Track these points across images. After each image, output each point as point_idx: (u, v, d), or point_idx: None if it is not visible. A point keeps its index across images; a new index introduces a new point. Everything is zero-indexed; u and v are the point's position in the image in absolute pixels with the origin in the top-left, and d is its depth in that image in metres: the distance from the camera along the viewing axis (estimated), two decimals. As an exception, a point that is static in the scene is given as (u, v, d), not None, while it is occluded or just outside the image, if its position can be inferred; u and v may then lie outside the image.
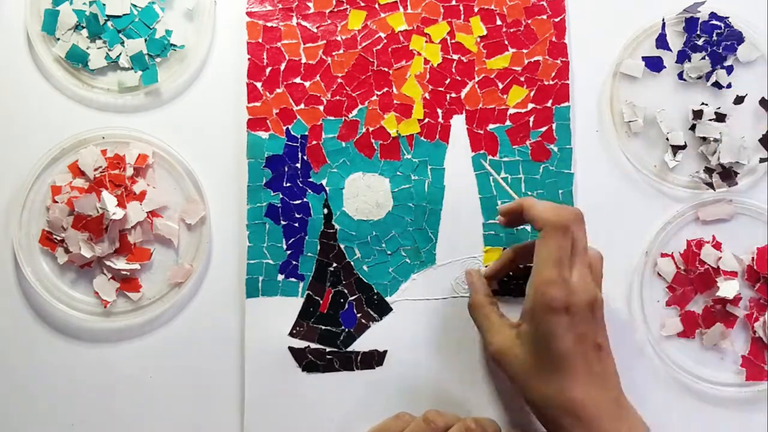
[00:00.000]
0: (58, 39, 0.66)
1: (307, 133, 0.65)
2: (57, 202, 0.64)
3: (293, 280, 0.65)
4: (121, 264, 0.64)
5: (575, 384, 0.53)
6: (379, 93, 0.66)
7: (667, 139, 0.65)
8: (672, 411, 0.64)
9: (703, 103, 0.65)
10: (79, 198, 0.63)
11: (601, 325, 0.55)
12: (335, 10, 0.66)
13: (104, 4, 0.66)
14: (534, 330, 0.55)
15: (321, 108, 0.66)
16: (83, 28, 0.66)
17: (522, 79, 0.66)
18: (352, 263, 0.65)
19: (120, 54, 0.66)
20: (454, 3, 0.66)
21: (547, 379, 0.54)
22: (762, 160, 0.65)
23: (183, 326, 0.65)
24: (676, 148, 0.65)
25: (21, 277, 0.64)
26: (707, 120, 0.64)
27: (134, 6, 0.66)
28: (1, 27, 0.67)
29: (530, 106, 0.65)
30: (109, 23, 0.66)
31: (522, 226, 0.64)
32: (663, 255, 0.65)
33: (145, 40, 0.66)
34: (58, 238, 0.64)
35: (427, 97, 0.66)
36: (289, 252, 0.65)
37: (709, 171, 0.65)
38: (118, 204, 0.63)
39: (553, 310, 0.53)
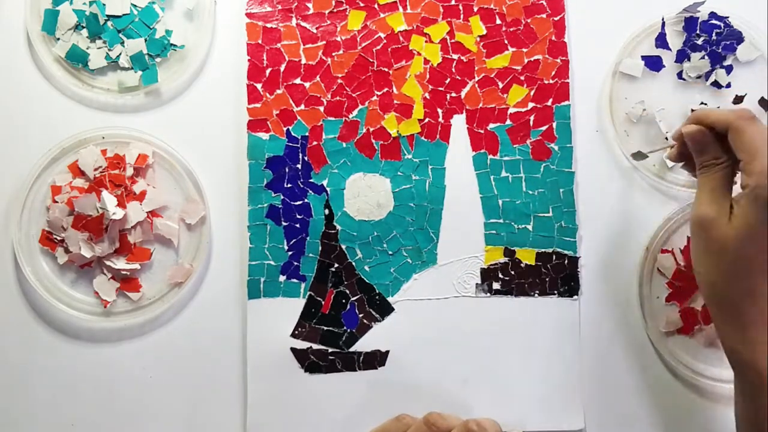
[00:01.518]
0: (58, 39, 0.66)
1: (307, 134, 0.65)
2: (57, 202, 0.64)
3: (295, 281, 0.64)
4: (121, 264, 0.64)
5: (763, 277, 0.52)
6: (379, 93, 0.66)
7: (667, 138, 0.65)
8: (671, 407, 0.64)
9: (702, 103, 0.66)
10: (79, 198, 0.63)
11: None
12: (335, 10, 0.66)
13: (104, 4, 0.66)
14: (751, 209, 0.52)
15: (321, 109, 0.66)
16: (83, 28, 0.66)
17: (522, 78, 0.66)
18: (353, 264, 0.65)
19: (120, 54, 0.66)
20: (453, 3, 0.66)
21: (744, 248, 0.52)
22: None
23: (183, 326, 0.64)
24: (675, 147, 0.65)
25: (21, 277, 0.64)
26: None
27: (134, 6, 0.66)
28: (1, 27, 0.66)
29: (530, 105, 0.66)
30: (109, 23, 0.66)
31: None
32: (663, 251, 0.65)
33: (145, 40, 0.66)
34: (58, 238, 0.64)
35: (428, 97, 0.66)
36: (290, 253, 0.65)
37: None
38: (118, 204, 0.63)
39: None
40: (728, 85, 0.66)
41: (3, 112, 0.66)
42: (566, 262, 0.65)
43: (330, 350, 0.64)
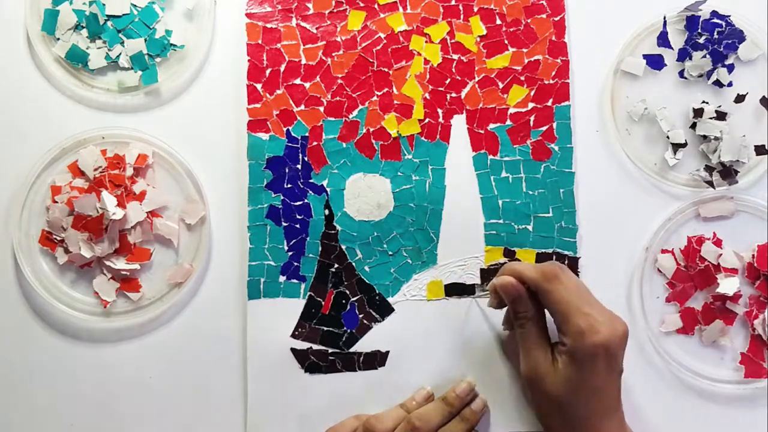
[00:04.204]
0: (58, 39, 0.66)
1: (307, 134, 0.65)
2: (57, 202, 0.64)
3: (295, 281, 0.64)
4: (120, 264, 0.64)
5: (601, 415, 0.56)
6: (379, 93, 0.66)
7: (668, 137, 0.65)
8: (671, 407, 0.64)
9: (704, 102, 0.65)
10: (79, 198, 0.63)
11: (625, 350, 0.57)
12: (335, 10, 0.66)
13: (104, 4, 0.66)
14: (573, 369, 0.55)
15: (321, 109, 0.66)
16: (83, 28, 0.66)
17: (522, 78, 0.66)
18: (353, 264, 0.65)
19: (120, 54, 0.66)
20: (453, 3, 0.66)
21: (576, 408, 0.56)
22: (758, 152, 0.65)
23: (183, 326, 0.64)
24: (676, 146, 0.65)
25: (21, 277, 0.64)
26: (708, 118, 0.65)
27: (134, 6, 0.66)
28: (1, 27, 0.66)
29: (531, 105, 0.66)
30: (109, 23, 0.66)
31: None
32: (663, 251, 0.65)
33: (145, 40, 0.66)
34: (58, 238, 0.64)
35: (428, 97, 0.66)
36: (290, 253, 0.65)
37: (709, 169, 0.65)
38: (118, 204, 0.63)
39: (594, 354, 0.54)
40: (730, 84, 0.66)
41: (3, 112, 0.66)
42: (566, 262, 0.65)
43: (330, 351, 0.64)
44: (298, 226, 0.65)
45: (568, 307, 0.55)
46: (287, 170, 0.65)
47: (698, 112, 0.65)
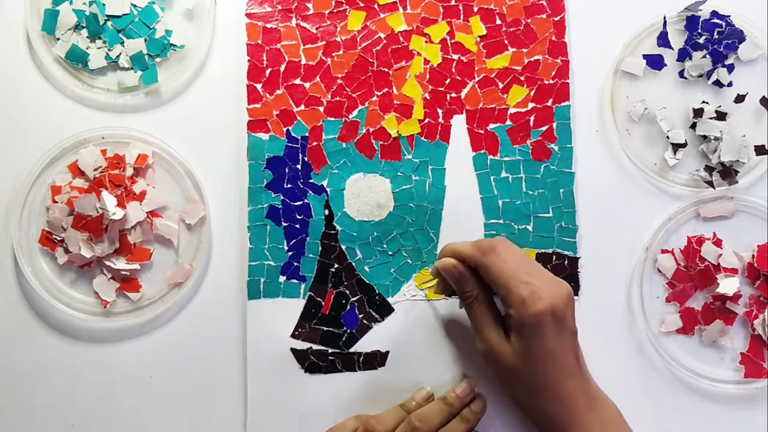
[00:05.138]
0: (58, 39, 0.66)
1: (307, 135, 0.65)
2: (57, 202, 0.64)
3: (295, 281, 0.64)
4: (120, 264, 0.64)
5: (560, 377, 0.56)
6: (379, 93, 0.66)
7: (668, 137, 0.65)
8: (670, 407, 0.64)
9: (703, 101, 0.65)
10: (79, 198, 0.63)
11: (574, 312, 0.57)
12: (334, 10, 0.66)
13: (104, 4, 0.66)
14: (523, 338, 0.56)
15: (321, 109, 0.66)
16: (83, 28, 0.66)
17: (522, 78, 0.66)
18: (353, 264, 0.65)
19: (120, 54, 0.66)
20: (453, 3, 0.66)
21: (531, 369, 0.56)
22: (758, 152, 0.65)
23: (183, 326, 0.65)
24: (676, 146, 0.65)
25: (21, 277, 0.64)
26: (707, 118, 0.65)
27: (134, 6, 0.66)
28: (1, 27, 0.66)
29: (530, 105, 0.66)
30: (109, 23, 0.66)
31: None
32: (663, 251, 0.65)
33: (145, 40, 0.66)
34: (58, 238, 0.64)
35: (428, 98, 0.66)
36: (290, 253, 0.65)
37: (709, 169, 0.65)
38: (118, 204, 0.63)
39: (541, 320, 0.55)
40: (730, 84, 0.66)
41: (3, 112, 0.66)
42: (566, 262, 0.65)
43: (330, 351, 0.64)
44: (298, 226, 0.65)
45: (507, 278, 0.56)
46: (287, 170, 0.65)
47: (698, 112, 0.65)
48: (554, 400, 0.56)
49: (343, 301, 0.64)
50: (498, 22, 0.66)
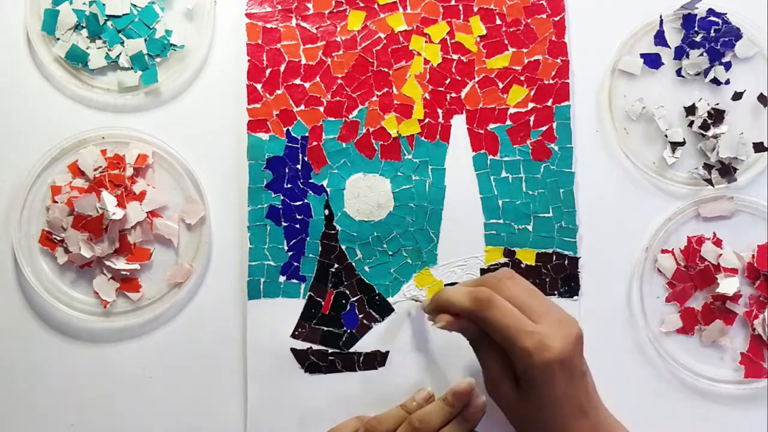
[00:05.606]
0: (58, 39, 0.66)
1: (307, 134, 0.65)
2: (57, 202, 0.64)
3: (295, 281, 0.64)
4: (120, 264, 0.64)
5: (571, 419, 0.54)
6: (379, 93, 0.66)
7: (666, 135, 0.65)
8: (670, 407, 0.64)
9: (700, 99, 0.66)
10: (79, 198, 0.63)
11: (583, 352, 0.55)
12: (334, 10, 0.66)
13: (104, 4, 0.66)
14: (532, 388, 0.54)
15: (321, 109, 0.66)
16: (83, 28, 0.66)
17: (522, 78, 0.66)
18: (353, 264, 0.65)
19: (120, 54, 0.66)
20: (453, 3, 0.66)
21: (540, 414, 0.54)
22: (757, 149, 0.65)
23: (183, 326, 0.64)
24: (674, 145, 0.65)
25: (21, 277, 0.64)
26: (700, 114, 0.65)
27: (134, 6, 0.66)
28: (1, 27, 0.66)
29: (530, 105, 0.66)
30: (109, 23, 0.66)
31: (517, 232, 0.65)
32: (663, 251, 0.65)
33: (145, 40, 0.66)
34: (58, 238, 0.64)
35: (428, 98, 0.66)
36: (290, 253, 0.65)
37: (708, 167, 0.65)
38: (118, 204, 0.63)
39: (549, 370, 0.53)
40: (727, 82, 0.66)
41: (3, 112, 0.66)
42: (566, 262, 0.65)
43: (330, 351, 0.64)
44: (298, 226, 0.65)
45: (508, 331, 0.53)
46: (287, 170, 0.65)
47: (690, 110, 0.65)
48: None
49: (343, 301, 0.64)
50: (498, 22, 0.66)
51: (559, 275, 0.65)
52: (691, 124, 0.65)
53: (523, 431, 0.57)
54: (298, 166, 0.65)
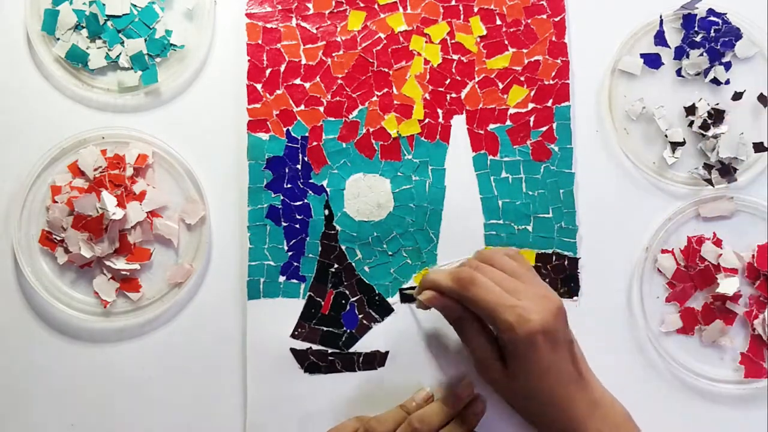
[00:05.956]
0: (58, 39, 0.66)
1: (307, 135, 0.65)
2: (57, 202, 0.64)
3: (294, 281, 0.64)
4: (120, 264, 0.64)
5: (559, 387, 0.56)
6: (379, 94, 0.66)
7: (666, 135, 0.65)
8: (670, 407, 0.64)
9: (700, 100, 0.66)
10: (79, 198, 0.63)
11: (567, 323, 0.57)
12: (335, 11, 0.66)
13: (104, 4, 0.66)
14: (517, 360, 0.56)
15: (321, 109, 0.66)
16: (83, 28, 0.66)
17: (522, 78, 0.66)
18: (353, 264, 0.65)
19: (120, 54, 0.66)
20: (453, 3, 0.66)
21: (530, 386, 0.56)
22: (757, 149, 0.65)
23: (183, 326, 0.64)
24: (674, 145, 0.65)
25: (21, 277, 0.64)
26: (700, 115, 0.65)
27: (134, 6, 0.66)
28: (1, 27, 0.66)
29: (530, 105, 0.66)
30: (109, 23, 0.66)
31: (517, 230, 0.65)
32: (663, 251, 0.65)
33: (145, 40, 0.66)
34: (58, 238, 0.64)
35: (428, 98, 0.66)
36: (290, 253, 0.65)
37: (708, 167, 0.65)
38: (118, 204, 0.63)
39: (532, 341, 0.54)
40: (727, 82, 0.66)
41: (3, 112, 0.66)
42: (566, 263, 0.65)
43: (330, 351, 0.64)
44: (297, 226, 0.65)
45: (492, 307, 0.55)
46: (287, 170, 0.65)
47: (690, 110, 0.65)
48: (556, 408, 0.56)
49: (343, 301, 0.64)
50: (498, 22, 0.66)
51: (559, 276, 0.65)
52: (691, 124, 0.65)
53: (517, 406, 0.59)
54: (298, 166, 0.65)
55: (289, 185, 0.65)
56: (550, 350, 0.55)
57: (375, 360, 0.64)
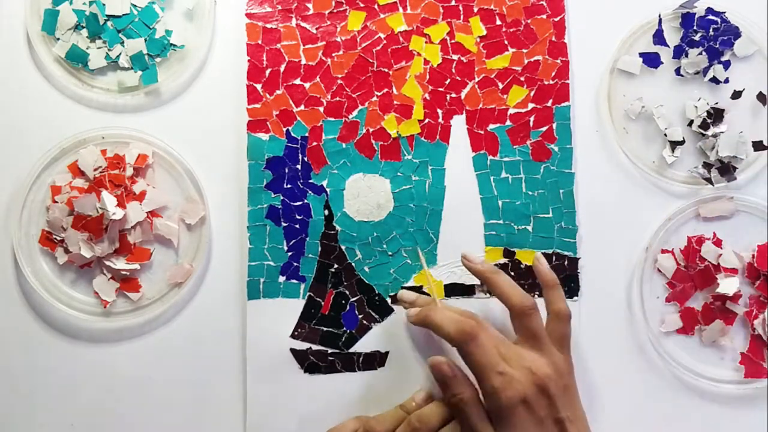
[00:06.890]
0: (58, 39, 0.66)
1: (307, 135, 0.65)
2: (57, 202, 0.64)
3: (294, 281, 0.64)
4: (120, 264, 0.64)
5: None
6: (379, 94, 0.66)
7: (666, 135, 0.65)
8: (670, 407, 0.64)
9: (699, 99, 0.66)
10: (79, 198, 0.63)
11: (562, 399, 0.56)
12: (334, 11, 0.66)
13: (104, 4, 0.66)
14: (500, 424, 0.55)
15: (321, 109, 0.66)
16: (83, 28, 0.66)
17: (522, 78, 0.66)
18: (353, 264, 0.65)
19: (120, 54, 0.66)
20: (453, 3, 0.66)
21: None
22: (756, 148, 0.65)
23: (183, 326, 0.64)
24: (674, 144, 0.65)
25: (21, 277, 0.64)
26: (699, 114, 0.65)
27: (134, 6, 0.66)
28: (1, 27, 0.66)
29: (530, 105, 0.66)
30: (109, 23, 0.66)
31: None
32: (663, 251, 0.65)
33: (145, 40, 0.66)
34: (58, 238, 0.64)
35: (427, 98, 0.66)
36: (290, 254, 0.65)
37: (707, 166, 0.65)
38: (118, 204, 0.63)
39: (511, 410, 0.54)
40: (726, 81, 0.66)
41: (3, 112, 0.66)
42: (566, 263, 0.65)
43: (329, 351, 0.64)
44: (297, 226, 0.65)
45: (483, 369, 0.55)
46: (287, 170, 0.65)
47: (690, 111, 0.66)
48: None
49: (343, 302, 0.64)
50: (498, 22, 0.66)
51: (559, 276, 0.64)
52: (690, 123, 0.65)
53: None
54: (298, 167, 0.65)
55: (288, 185, 0.65)
56: (531, 422, 0.54)
57: (375, 360, 0.64)
